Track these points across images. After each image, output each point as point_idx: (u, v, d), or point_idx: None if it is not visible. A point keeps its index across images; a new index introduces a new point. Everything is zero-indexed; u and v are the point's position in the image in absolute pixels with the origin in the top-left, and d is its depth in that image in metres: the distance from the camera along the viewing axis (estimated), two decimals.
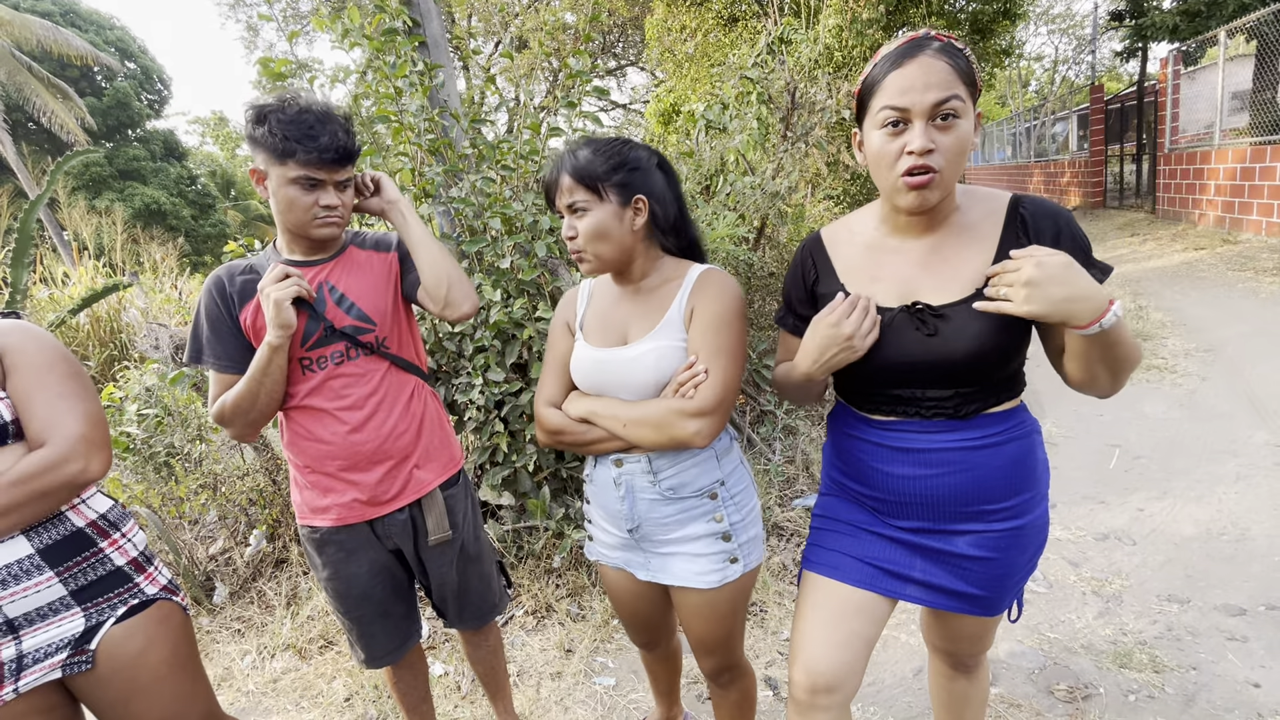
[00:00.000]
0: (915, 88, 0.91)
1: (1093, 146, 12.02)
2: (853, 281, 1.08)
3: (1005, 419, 1.05)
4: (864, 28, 7.89)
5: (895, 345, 1.02)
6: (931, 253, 1.03)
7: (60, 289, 6.74)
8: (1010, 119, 18.73)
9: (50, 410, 1.06)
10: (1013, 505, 1.06)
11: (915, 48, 0.94)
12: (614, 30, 16.18)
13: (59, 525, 1.09)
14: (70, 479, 1.04)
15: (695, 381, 1.08)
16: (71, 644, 1.08)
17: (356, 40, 2.45)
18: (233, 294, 1.36)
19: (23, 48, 15.55)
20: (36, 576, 1.05)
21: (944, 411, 1.03)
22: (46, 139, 19.53)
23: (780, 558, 2.60)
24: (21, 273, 3.10)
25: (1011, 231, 0.99)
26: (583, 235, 1.12)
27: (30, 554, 1.05)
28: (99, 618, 1.11)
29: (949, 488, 1.05)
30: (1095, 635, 2.05)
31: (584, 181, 1.11)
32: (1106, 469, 3.09)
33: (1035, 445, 1.09)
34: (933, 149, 0.92)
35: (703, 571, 1.18)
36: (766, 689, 1.98)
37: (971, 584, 1.10)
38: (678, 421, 1.07)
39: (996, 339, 0.97)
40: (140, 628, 1.14)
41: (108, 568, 1.13)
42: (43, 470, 1.02)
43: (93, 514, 1.15)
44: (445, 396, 2.56)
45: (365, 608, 1.48)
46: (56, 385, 1.08)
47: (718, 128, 3.77)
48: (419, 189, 2.56)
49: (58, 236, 13.67)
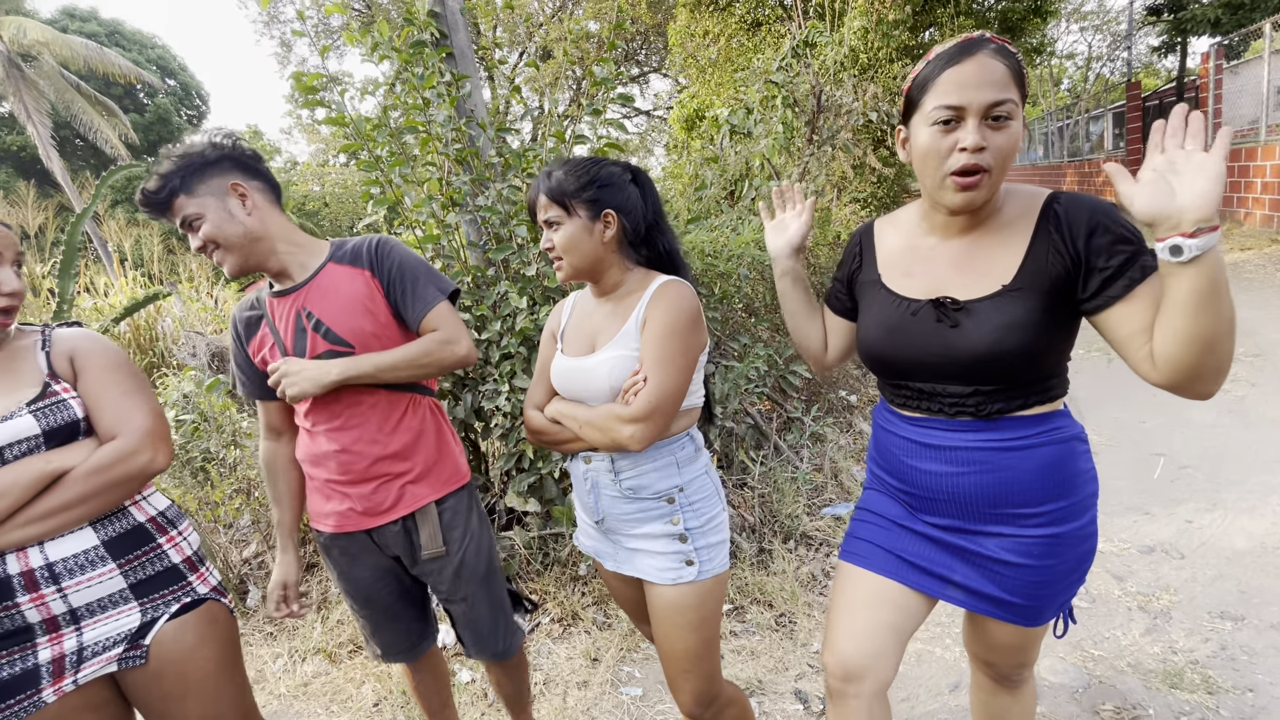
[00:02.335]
0: (971, 85, 0.91)
1: (1129, 145, 11.69)
2: (889, 273, 1.11)
3: (1038, 422, 1.02)
4: (890, 29, 7.79)
5: (919, 337, 1.03)
6: (965, 253, 1.03)
7: (103, 298, 6.99)
8: (1042, 118, 18.33)
9: (119, 408, 1.14)
10: (1048, 511, 1.03)
11: (972, 46, 0.93)
12: (637, 37, 16.26)
13: (122, 519, 1.15)
14: (140, 469, 1.12)
15: (635, 389, 1.15)
16: (128, 638, 1.13)
17: (386, 53, 2.49)
18: (241, 331, 1.44)
19: (70, 67, 16.24)
20: (100, 568, 1.11)
21: (966, 410, 1.03)
22: (92, 154, 20.35)
23: (809, 567, 2.55)
24: (68, 283, 3.21)
25: (1045, 229, 0.97)
26: (558, 247, 1.22)
27: (96, 545, 1.11)
28: (154, 613, 1.15)
29: (975, 487, 1.05)
30: (1143, 653, 1.96)
31: (556, 199, 1.21)
32: (1151, 479, 2.98)
33: (1074, 452, 1.05)
34: (985, 147, 0.92)
35: (661, 568, 1.25)
36: (797, 702, 1.94)
37: (1007, 590, 1.07)
38: (615, 425, 1.15)
39: (1017, 337, 0.95)
40: (192, 626, 1.18)
41: (164, 564, 1.19)
42: (116, 461, 1.10)
43: (153, 510, 1.21)
44: (472, 403, 2.57)
45: (373, 608, 1.50)
46: (122, 385, 1.17)
47: (742, 132, 3.75)
48: (446, 197, 2.58)
49: (101, 248, 14.21)
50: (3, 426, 1.05)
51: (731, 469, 3.02)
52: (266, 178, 1.38)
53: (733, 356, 3.34)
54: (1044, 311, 0.95)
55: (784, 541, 2.68)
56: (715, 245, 3.17)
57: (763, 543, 2.67)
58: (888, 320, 1.09)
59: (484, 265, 2.71)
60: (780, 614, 2.33)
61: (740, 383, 2.90)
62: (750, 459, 3.00)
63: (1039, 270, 0.96)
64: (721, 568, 1.27)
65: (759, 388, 3.06)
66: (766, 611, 2.35)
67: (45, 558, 1.06)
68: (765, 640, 2.22)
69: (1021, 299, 0.96)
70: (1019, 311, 0.95)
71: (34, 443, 1.07)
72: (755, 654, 2.16)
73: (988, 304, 0.98)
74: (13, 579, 1.03)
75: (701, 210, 3.61)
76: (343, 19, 14.50)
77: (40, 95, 15.92)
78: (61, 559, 1.07)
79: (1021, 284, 0.96)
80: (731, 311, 3.70)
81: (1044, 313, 0.95)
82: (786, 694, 1.98)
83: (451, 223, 2.66)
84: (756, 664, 2.11)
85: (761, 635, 2.24)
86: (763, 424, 3.29)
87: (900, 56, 8.38)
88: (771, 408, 3.56)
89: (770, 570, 2.53)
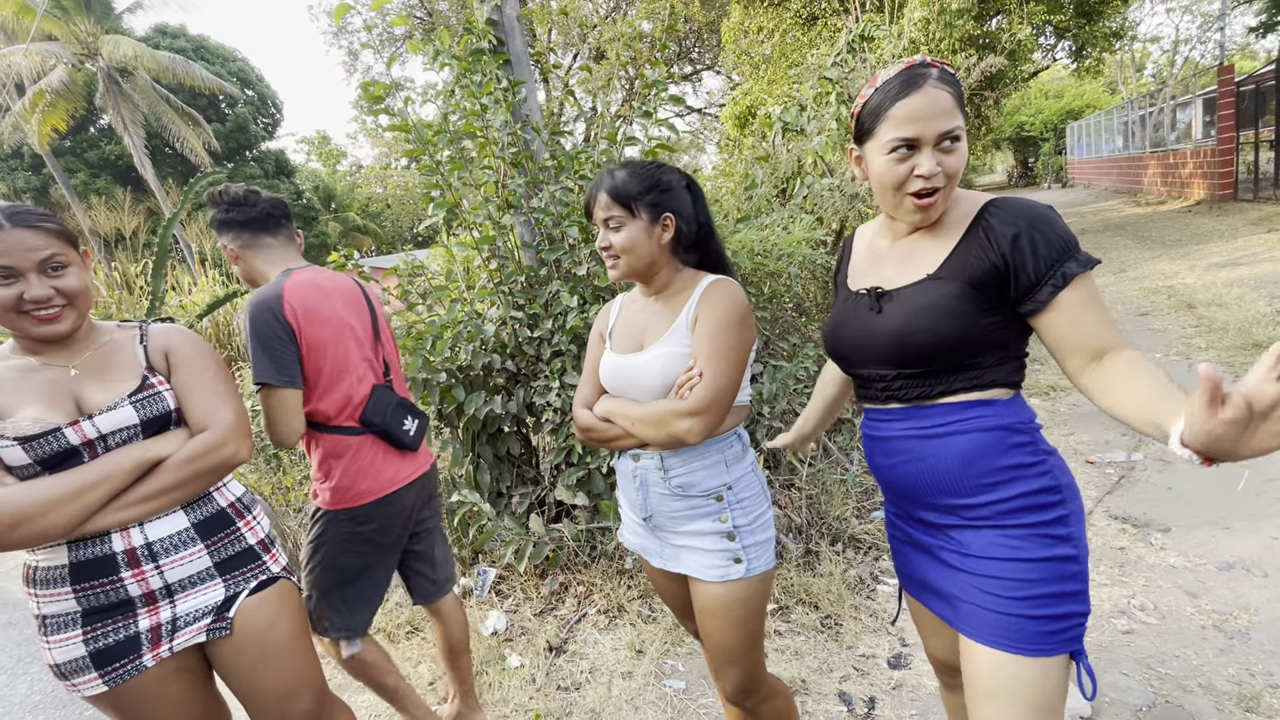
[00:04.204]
0: (923, 118, 0.98)
1: (1221, 133, 10.84)
2: (852, 273, 1.21)
3: (959, 410, 1.02)
4: (953, 19, 7.51)
5: (854, 324, 1.12)
6: (907, 251, 1.10)
7: (187, 296, 7.52)
8: (1121, 107, 17.24)
9: (208, 402, 1.24)
10: (985, 504, 1.00)
11: (917, 77, 0.99)
12: (690, 36, 16.21)
13: (207, 504, 1.26)
14: (226, 460, 1.22)
15: (691, 383, 1.18)
16: (214, 611, 1.24)
17: (446, 61, 2.60)
18: None
19: (161, 81, 17.47)
20: (191, 548, 1.22)
21: (895, 395, 1.08)
22: (179, 162, 21.82)
23: (857, 570, 2.52)
24: (160, 282, 3.49)
25: (975, 229, 1.01)
26: (617, 246, 1.26)
27: (187, 527, 1.22)
28: (235, 589, 1.26)
29: (908, 477, 1.08)
30: (1216, 674, 1.85)
31: (620, 200, 1.24)
32: (1233, 491, 2.79)
33: (1000, 442, 0.99)
34: (939, 172, 1.00)
35: (708, 566, 1.27)
36: (841, 704, 1.93)
37: (950, 584, 1.07)
38: (672, 420, 1.18)
39: (926, 319, 1.00)
40: (268, 601, 1.29)
41: (243, 545, 1.30)
42: (206, 452, 1.20)
43: (232, 496, 1.32)
44: (523, 399, 2.66)
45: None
46: (212, 381, 1.27)
47: (795, 130, 3.70)
48: (502, 200, 2.68)
49: (186, 249, 15.25)
50: (107, 416, 1.15)
51: (779, 469, 3.01)
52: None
53: (781, 356, 3.32)
54: (958, 298, 0.99)
55: (831, 544, 2.65)
56: (765, 244, 3.15)
57: (810, 544, 2.65)
58: (839, 314, 1.18)
59: (537, 265, 2.79)
60: (826, 615, 2.32)
61: (789, 383, 2.88)
62: (798, 460, 2.97)
63: (961, 263, 1.00)
64: (768, 565, 1.29)
65: (808, 388, 3.03)
66: (812, 613, 2.34)
67: (145, 537, 1.17)
68: (810, 641, 2.21)
69: (938, 286, 1.01)
70: (933, 296, 1.01)
71: (132, 431, 1.17)
72: (799, 654, 2.15)
73: (908, 290, 1.05)
74: (117, 555, 1.15)
75: (752, 209, 3.59)
76: (405, 28, 15.06)
77: (135, 108, 17.21)
78: (159, 539, 1.18)
79: (942, 274, 1.02)
80: (781, 310, 3.67)
81: (958, 299, 0.99)
82: (830, 695, 1.97)
83: (506, 224, 2.75)
84: (800, 664, 2.11)
85: (806, 636, 2.23)
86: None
87: (964, 47, 8.07)
88: None
89: (817, 572, 2.51)
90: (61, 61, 15.70)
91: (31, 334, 1.15)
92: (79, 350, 1.21)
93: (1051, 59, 15.96)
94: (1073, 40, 12.50)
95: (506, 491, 2.84)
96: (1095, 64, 13.53)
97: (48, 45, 15.76)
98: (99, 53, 16.15)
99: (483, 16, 2.75)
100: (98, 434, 1.14)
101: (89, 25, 16.39)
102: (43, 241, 1.13)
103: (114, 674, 1.15)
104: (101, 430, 1.14)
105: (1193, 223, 9.73)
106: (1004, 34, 8.98)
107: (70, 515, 1.08)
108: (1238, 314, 4.99)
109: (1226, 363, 4.05)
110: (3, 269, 1.10)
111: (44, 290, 1.13)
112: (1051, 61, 16.49)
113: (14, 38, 15.78)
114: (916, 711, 1.88)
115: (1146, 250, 8.33)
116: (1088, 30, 11.46)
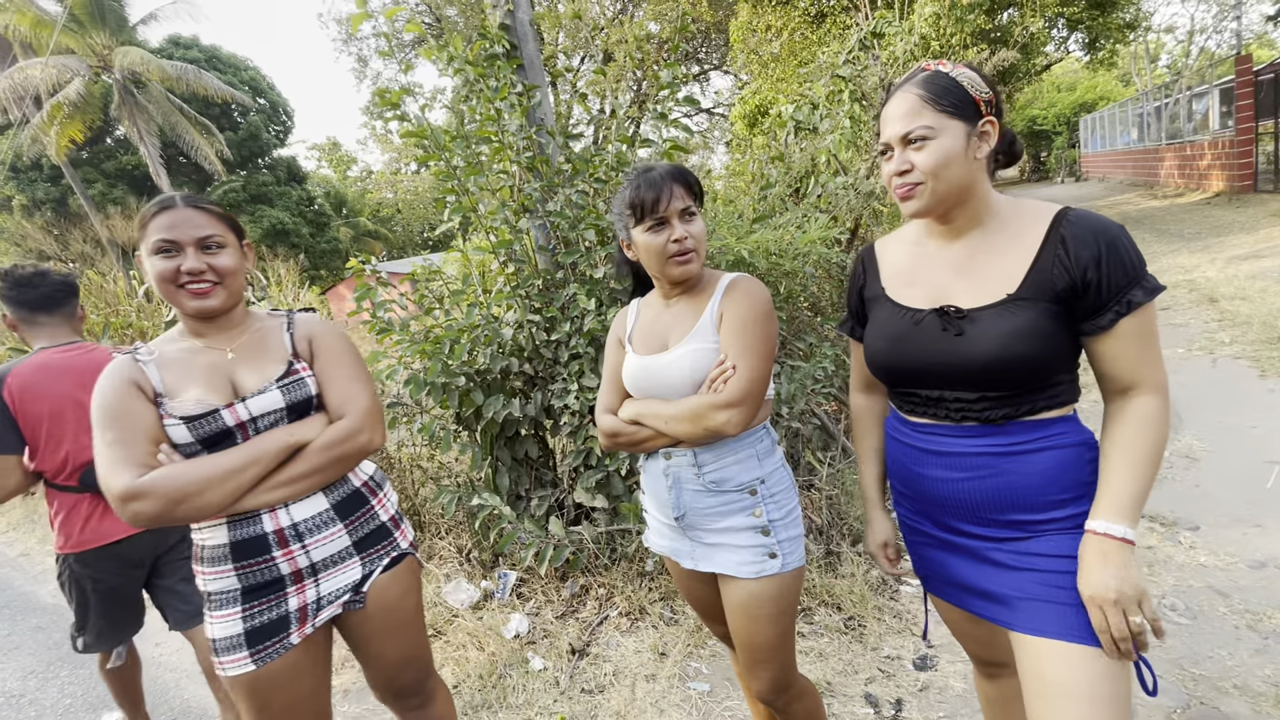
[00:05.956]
0: (889, 120, 1.05)
1: (1239, 124, 10.66)
2: (892, 285, 1.15)
3: (1042, 427, 1.02)
4: (964, 13, 7.45)
5: (922, 345, 1.07)
6: (966, 259, 1.06)
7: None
8: (1136, 99, 17.01)
9: (346, 389, 1.29)
10: (1055, 520, 1.01)
11: (903, 82, 1.05)
12: (697, 35, 16.20)
13: (343, 485, 1.31)
14: (363, 447, 1.26)
15: (725, 377, 1.19)
16: (352, 588, 1.30)
17: (460, 67, 2.61)
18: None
19: (175, 91, 17.72)
20: (332, 528, 1.27)
21: (972, 415, 1.05)
22: (193, 170, 22.09)
23: (879, 571, 2.50)
24: None
25: (1052, 244, 0.99)
26: (694, 237, 1.28)
27: (327, 508, 1.27)
28: (370, 567, 1.32)
29: (979, 492, 1.05)
30: (1251, 675, 1.82)
31: (695, 192, 1.28)
32: (1263, 488, 2.74)
33: (1080, 458, 1.02)
34: (908, 169, 1.03)
35: (743, 562, 1.26)
36: (867, 706, 1.91)
37: (1009, 587, 1.04)
38: (710, 413, 1.18)
39: (1023, 345, 0.97)
40: (399, 578, 1.35)
41: (376, 522, 1.35)
42: (345, 438, 1.24)
43: (364, 476, 1.37)
44: (541, 402, 2.66)
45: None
46: (349, 369, 1.32)
47: (807, 128, 3.69)
48: (518, 204, 2.69)
49: None
50: (258, 399, 1.21)
51: (798, 470, 2.99)
52: None
53: (799, 356, 3.30)
54: (1048, 320, 0.97)
55: (852, 545, 2.63)
56: (780, 244, 3.14)
57: (830, 545, 2.63)
58: (893, 331, 1.12)
59: (553, 268, 2.80)
60: (849, 617, 2.30)
61: (807, 383, 2.87)
62: (817, 460, 2.96)
63: (1044, 282, 0.98)
64: (800, 561, 1.29)
65: (826, 388, 3.02)
66: (835, 614, 2.32)
67: (291, 518, 1.22)
68: (834, 642, 2.19)
69: (1026, 308, 0.98)
70: (1024, 320, 0.97)
71: (279, 415, 1.23)
72: (824, 655, 2.14)
73: (992, 312, 1.00)
74: (268, 535, 1.20)
75: (766, 209, 3.58)
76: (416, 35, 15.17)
77: (150, 118, 17.47)
78: (303, 519, 1.23)
79: (1026, 294, 0.99)
80: (797, 310, 3.65)
81: (1048, 321, 0.97)
82: (856, 697, 1.96)
83: (522, 228, 2.76)
84: (825, 665, 2.09)
85: (830, 637, 2.22)
86: (830, 425, 3.24)
87: (976, 42, 8.00)
88: (839, 408, 3.50)
89: (838, 573, 2.49)
90: (78, 74, 15.97)
91: (186, 308, 1.21)
92: (235, 334, 1.28)
93: (1064, 52, 15.78)
94: (1085, 32, 12.37)
95: (525, 494, 2.85)
96: (1109, 56, 13.38)
97: (65, 58, 16.04)
98: (114, 65, 16.42)
99: (495, 21, 2.77)
100: (249, 416, 1.20)
101: (104, 38, 16.67)
102: (205, 221, 1.21)
103: (266, 651, 1.21)
104: (253, 413, 1.20)
105: (1212, 215, 9.58)
106: (1016, 28, 8.89)
107: (224, 494, 1.13)
108: (1262, 307, 4.90)
109: (1252, 357, 3.97)
110: (167, 242, 1.17)
111: (198, 263, 1.19)
112: (1064, 54, 16.30)
113: (32, 52, 16.08)
114: (944, 713, 1.86)
115: (1165, 244, 8.20)
116: (1101, 22, 11.33)
